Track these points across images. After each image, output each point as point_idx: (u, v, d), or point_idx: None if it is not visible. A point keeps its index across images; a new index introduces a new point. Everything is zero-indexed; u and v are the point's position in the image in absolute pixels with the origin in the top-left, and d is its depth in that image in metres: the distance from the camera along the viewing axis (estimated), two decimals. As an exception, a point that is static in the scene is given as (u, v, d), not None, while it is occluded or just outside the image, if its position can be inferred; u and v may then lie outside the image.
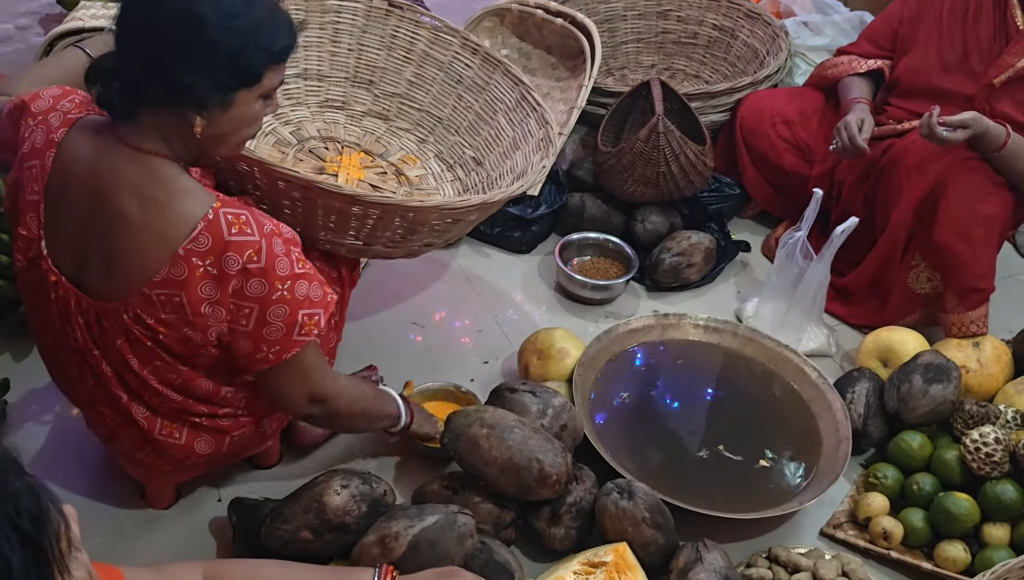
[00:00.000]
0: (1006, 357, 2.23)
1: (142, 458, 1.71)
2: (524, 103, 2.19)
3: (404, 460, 2.02)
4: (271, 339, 1.50)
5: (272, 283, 1.45)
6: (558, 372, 2.12)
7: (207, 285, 1.44)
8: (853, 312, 2.49)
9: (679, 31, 3.16)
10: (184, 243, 1.42)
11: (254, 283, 1.44)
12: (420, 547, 1.61)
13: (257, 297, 1.45)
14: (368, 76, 2.31)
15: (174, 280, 1.43)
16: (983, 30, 2.34)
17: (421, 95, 2.31)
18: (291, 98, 2.24)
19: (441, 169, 2.26)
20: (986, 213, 2.23)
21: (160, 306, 1.46)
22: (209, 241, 1.42)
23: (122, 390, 1.60)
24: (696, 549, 1.70)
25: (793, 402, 2.15)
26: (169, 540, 1.82)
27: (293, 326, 1.49)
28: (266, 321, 1.48)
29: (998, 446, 1.90)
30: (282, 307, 1.47)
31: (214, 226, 1.42)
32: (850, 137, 2.33)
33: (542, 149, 2.07)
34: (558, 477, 1.76)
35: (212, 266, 1.43)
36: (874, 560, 1.90)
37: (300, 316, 1.49)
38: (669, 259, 2.50)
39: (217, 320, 1.47)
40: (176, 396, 1.60)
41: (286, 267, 1.46)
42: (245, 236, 1.42)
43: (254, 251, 1.43)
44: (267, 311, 1.47)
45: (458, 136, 2.28)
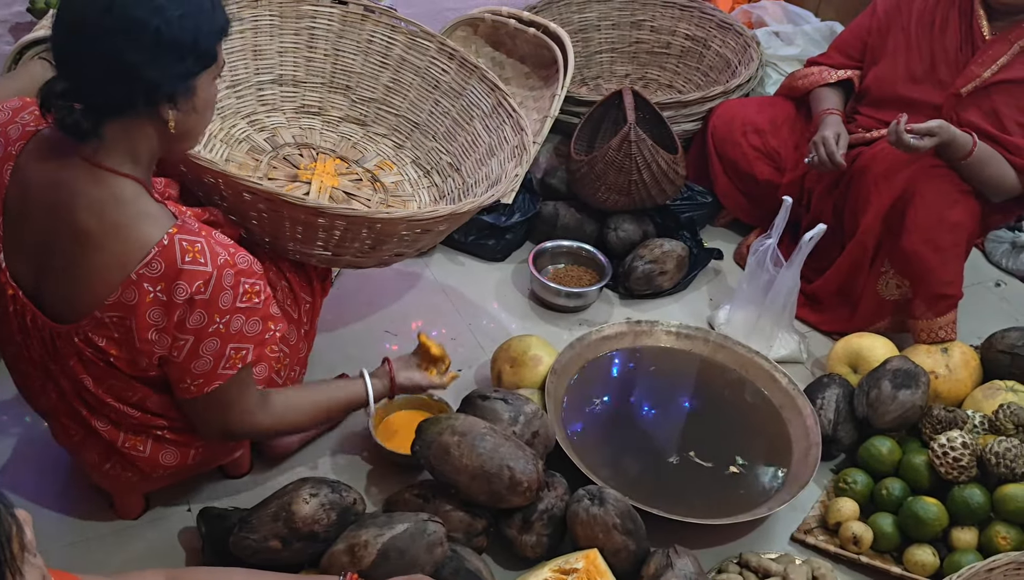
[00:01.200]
0: (974, 363, 2.26)
1: (108, 470, 1.70)
2: (500, 109, 2.19)
3: (376, 469, 2.01)
4: (196, 372, 1.50)
5: (211, 316, 1.44)
6: (531, 379, 2.12)
7: (155, 311, 1.43)
8: (824, 319, 2.51)
9: (652, 41, 3.19)
10: (138, 267, 1.40)
11: (195, 315, 1.43)
12: (390, 555, 1.60)
13: (195, 329, 1.45)
14: (344, 81, 2.30)
15: (125, 304, 1.42)
16: (950, 41, 2.37)
17: (398, 100, 2.31)
18: (266, 104, 2.24)
19: (418, 175, 2.26)
20: (953, 220, 2.26)
21: (112, 327, 1.45)
22: (162, 267, 1.40)
23: (81, 405, 1.60)
24: (667, 555, 1.70)
25: (764, 408, 2.17)
26: (138, 550, 1.81)
27: (220, 359, 1.49)
28: (198, 354, 1.48)
29: (965, 451, 1.92)
30: (214, 341, 1.47)
31: (168, 252, 1.40)
32: (829, 154, 2.36)
33: (516, 156, 2.07)
34: (529, 484, 1.76)
35: (162, 293, 1.42)
36: (844, 565, 1.91)
37: (228, 349, 1.49)
38: (642, 267, 2.52)
39: (161, 347, 1.47)
40: (134, 412, 1.60)
41: (228, 301, 1.45)
42: (198, 265, 1.41)
43: (203, 282, 1.41)
44: (200, 344, 1.47)
45: (435, 142, 2.28)
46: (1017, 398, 2.12)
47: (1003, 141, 2.26)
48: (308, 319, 1.92)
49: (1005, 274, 2.81)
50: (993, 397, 2.14)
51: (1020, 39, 2.27)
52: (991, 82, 2.29)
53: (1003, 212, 2.42)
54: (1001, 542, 1.85)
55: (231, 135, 2.15)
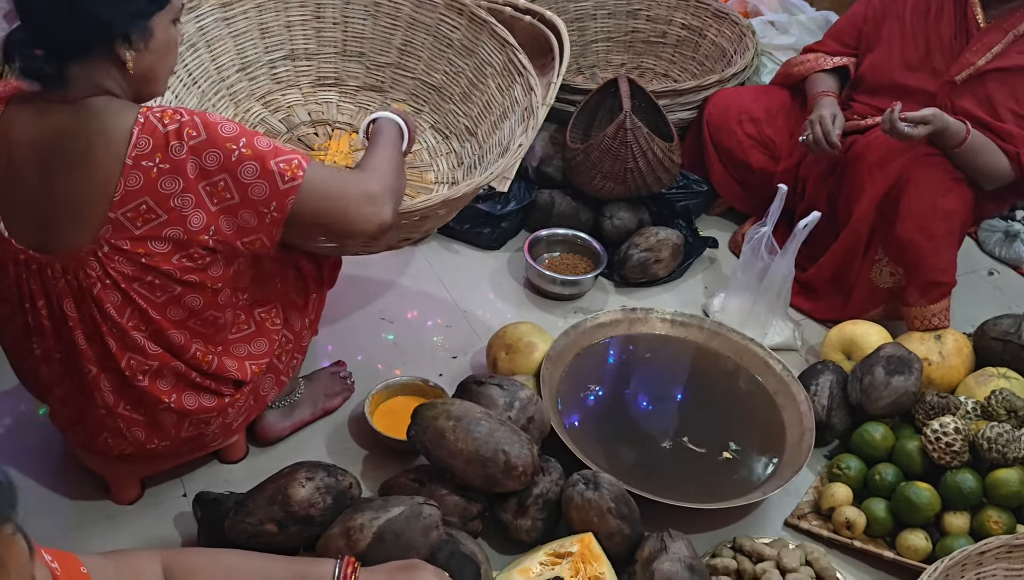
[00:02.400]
0: (967, 350, 2.27)
1: (103, 441, 1.70)
2: (511, 66, 2.16)
3: (371, 454, 2.02)
4: (263, 199, 1.48)
5: (224, 146, 1.45)
6: (526, 366, 2.12)
7: (166, 180, 1.45)
8: (818, 307, 2.52)
9: (648, 30, 3.19)
10: (128, 152, 1.43)
11: (208, 155, 1.45)
12: (385, 538, 1.61)
13: (219, 166, 1.45)
14: (358, 48, 2.28)
15: (133, 190, 1.44)
16: (944, 29, 2.38)
17: (413, 62, 2.28)
18: (281, 82, 2.22)
19: (437, 141, 2.23)
20: (947, 208, 2.27)
21: (131, 224, 1.47)
22: (150, 142, 1.43)
23: (93, 362, 1.60)
24: (661, 539, 1.71)
25: (758, 394, 2.18)
26: (133, 535, 1.81)
27: (273, 177, 1.48)
28: (244, 183, 1.47)
29: (958, 436, 1.93)
30: (250, 165, 1.46)
31: (148, 126, 1.43)
32: (825, 132, 2.36)
33: (525, 121, 2.04)
34: (524, 468, 1.77)
35: (162, 162, 1.44)
36: (837, 549, 1.92)
37: (274, 165, 1.48)
38: (637, 255, 2.52)
39: (190, 207, 1.47)
40: (155, 347, 1.60)
41: (233, 128, 1.47)
42: (178, 121, 1.44)
43: (191, 128, 1.44)
44: (237, 173, 1.46)
45: (452, 104, 2.25)
46: (1009, 384, 2.13)
47: (996, 129, 2.27)
48: (314, 309, 1.92)
49: (998, 263, 2.82)
50: (985, 383, 2.15)
51: (1014, 27, 2.27)
52: (985, 70, 2.30)
53: (996, 200, 2.43)
54: (993, 526, 1.87)
55: (245, 120, 2.15)
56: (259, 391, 1.83)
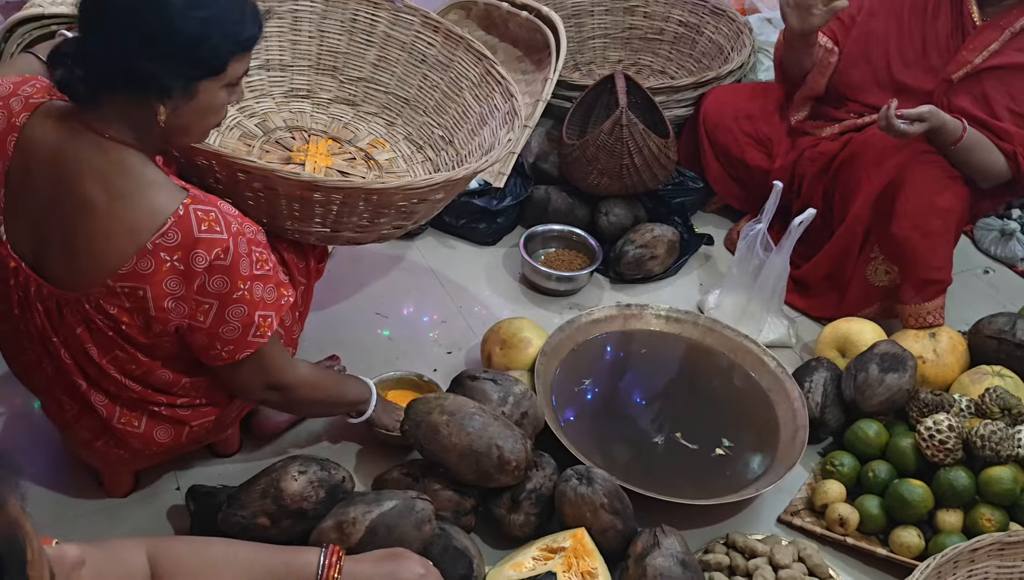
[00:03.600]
0: (961, 348, 2.27)
1: (100, 447, 1.70)
2: (489, 77, 2.17)
3: (365, 448, 2.02)
4: (226, 338, 1.51)
5: (235, 282, 1.46)
6: (520, 361, 2.12)
7: (172, 280, 1.44)
8: (813, 304, 2.52)
9: (645, 27, 3.18)
10: (153, 237, 1.40)
11: (217, 280, 1.45)
12: (378, 532, 1.61)
13: (218, 294, 1.46)
14: (331, 62, 2.29)
15: (140, 273, 1.42)
16: (941, 26, 2.38)
17: (386, 77, 2.30)
18: (255, 90, 2.23)
19: (411, 151, 2.24)
20: (943, 206, 2.27)
21: (124, 297, 1.45)
22: (179, 237, 1.41)
23: (81, 378, 1.59)
24: (654, 534, 1.71)
25: (752, 391, 2.18)
26: (126, 528, 1.81)
27: (249, 327, 1.51)
28: (224, 319, 1.49)
29: (951, 434, 1.93)
30: (241, 307, 1.48)
31: (184, 222, 1.41)
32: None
33: (508, 123, 2.04)
34: (518, 463, 1.77)
35: (179, 262, 1.42)
36: (830, 546, 1.92)
37: (256, 318, 1.51)
38: (633, 251, 2.52)
39: (179, 315, 1.48)
40: (136, 386, 1.60)
41: (247, 267, 1.47)
42: (214, 234, 1.42)
43: (222, 250, 1.43)
44: (226, 309, 1.47)
45: (426, 116, 2.26)
46: (1003, 382, 2.13)
47: (993, 127, 2.27)
48: (303, 301, 1.92)
49: (994, 261, 2.82)
50: (980, 381, 2.15)
51: (1010, 25, 2.28)
52: (982, 68, 2.30)
53: (992, 198, 2.43)
54: (986, 524, 1.87)
55: (222, 122, 2.14)
56: None
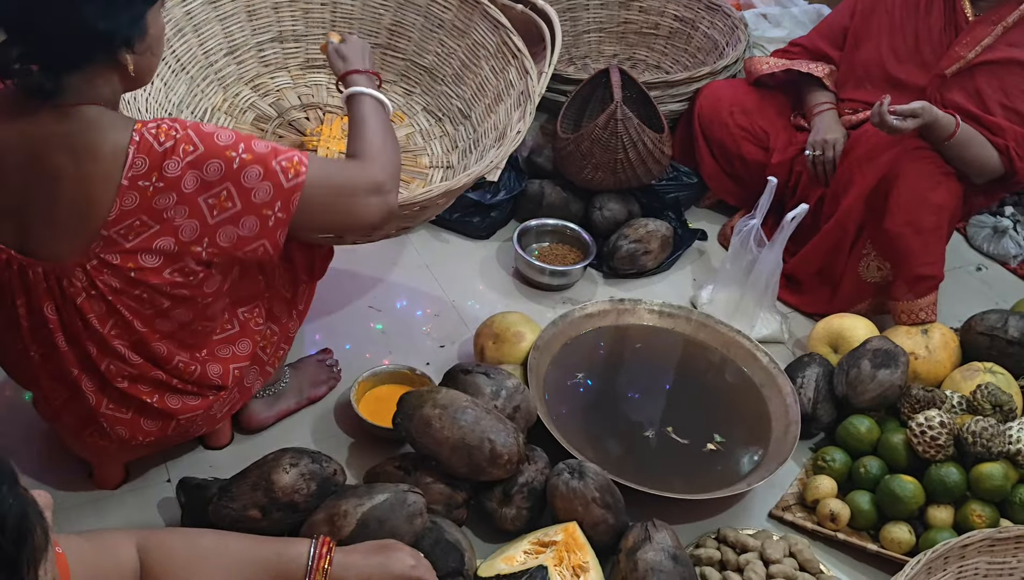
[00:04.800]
0: (953, 344, 2.27)
1: (87, 437, 1.69)
2: (505, 49, 2.13)
3: (357, 442, 2.02)
4: (268, 200, 1.46)
5: (224, 155, 1.43)
6: (513, 355, 2.12)
7: (160, 198, 1.42)
8: (805, 300, 2.52)
9: (641, 21, 3.18)
10: (124, 173, 1.40)
11: (209, 167, 1.42)
12: (369, 525, 1.60)
13: (222, 176, 1.43)
14: (346, 29, 2.25)
15: (128, 210, 1.42)
16: (934, 22, 2.38)
17: (403, 43, 2.26)
18: (269, 64, 2.21)
19: (430, 123, 2.21)
20: (936, 202, 2.27)
21: (123, 239, 1.45)
22: (146, 161, 1.40)
23: (74, 364, 1.58)
24: (645, 529, 1.71)
25: (744, 386, 2.18)
26: (117, 520, 1.80)
27: (277, 176, 1.46)
28: (248, 188, 1.45)
29: (943, 430, 1.93)
30: (253, 169, 1.44)
31: (144, 145, 1.41)
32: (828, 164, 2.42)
33: (521, 105, 2.01)
34: (510, 457, 1.77)
35: (158, 181, 1.41)
36: (821, 541, 1.93)
37: (275, 165, 1.46)
38: (626, 246, 2.52)
39: (184, 216, 1.44)
40: (135, 357, 1.58)
41: (229, 136, 1.44)
42: (173, 139, 1.41)
43: (186, 143, 1.41)
44: (240, 179, 1.44)
45: (444, 85, 2.23)
46: (995, 379, 2.13)
47: (986, 122, 2.28)
48: (303, 300, 1.91)
49: (986, 258, 2.83)
50: (971, 378, 2.15)
51: (1003, 20, 2.28)
52: (975, 63, 2.30)
53: (985, 194, 2.44)
54: (976, 520, 1.87)
55: (235, 105, 2.13)
56: (243, 383, 1.82)
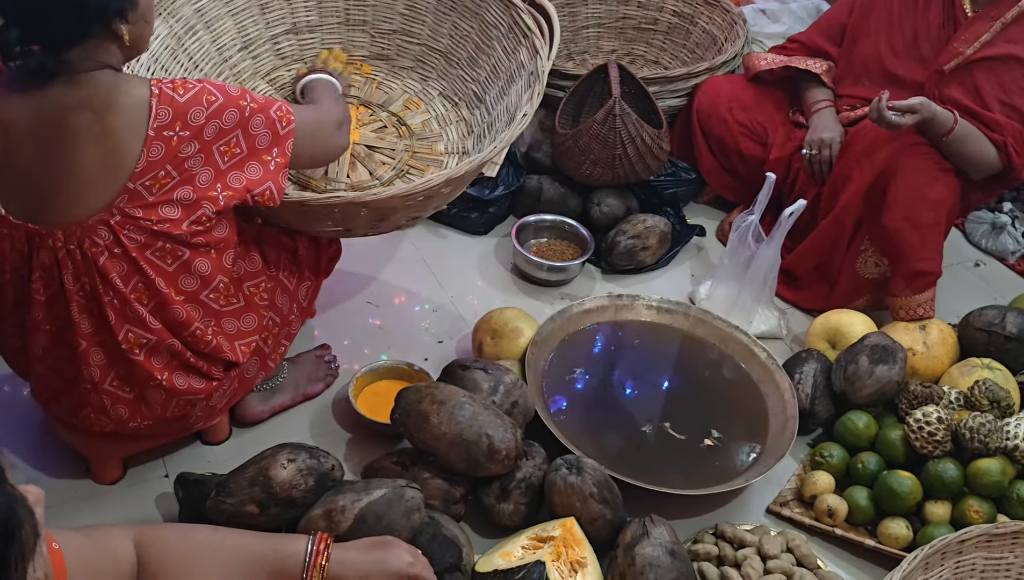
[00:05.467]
0: (951, 340, 2.27)
1: (85, 416, 1.69)
2: (516, 28, 2.13)
3: (355, 437, 2.02)
4: (266, 145, 1.59)
5: (238, 104, 1.54)
6: (511, 351, 2.12)
7: (185, 146, 1.50)
8: (803, 296, 2.52)
9: (639, 17, 3.17)
10: (151, 124, 1.47)
11: (228, 115, 1.53)
12: (367, 521, 1.60)
13: (236, 123, 1.54)
14: (360, 16, 2.26)
15: (155, 160, 1.49)
16: (933, 17, 2.38)
17: (418, 28, 2.26)
18: (285, 57, 2.21)
19: (446, 109, 2.21)
20: (934, 198, 2.27)
21: (147, 192, 1.50)
22: (170, 112, 1.48)
23: (84, 335, 1.59)
24: (643, 524, 1.71)
25: (742, 382, 2.18)
26: (114, 515, 1.80)
27: (274, 124, 1.59)
28: (252, 135, 1.57)
29: (941, 426, 1.93)
30: (258, 117, 1.57)
31: (165, 97, 1.49)
32: (832, 157, 2.42)
33: (530, 87, 2.01)
34: (507, 453, 1.76)
35: (183, 129, 1.50)
36: (819, 537, 1.93)
37: (273, 114, 1.59)
38: (624, 242, 2.52)
39: (200, 165, 1.53)
40: (155, 322, 1.61)
41: (235, 88, 1.57)
42: (191, 91, 1.51)
43: (208, 94, 1.52)
44: (249, 127, 1.56)
45: (460, 69, 2.23)
46: (993, 375, 2.13)
47: (984, 118, 2.27)
48: (307, 297, 1.93)
49: (984, 254, 2.83)
50: (969, 374, 2.15)
51: (1001, 16, 2.27)
52: (973, 59, 2.30)
53: (983, 190, 2.43)
54: (973, 515, 1.87)
55: None
56: (244, 375, 1.83)
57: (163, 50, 1.97)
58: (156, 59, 1.94)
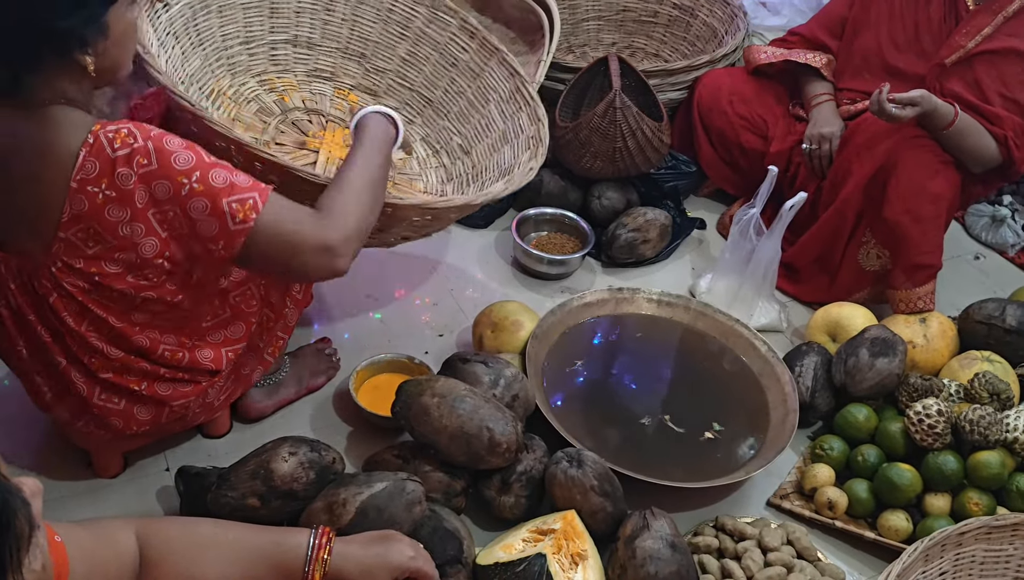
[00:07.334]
0: (951, 333, 2.27)
1: (81, 427, 1.69)
2: (518, 95, 2.17)
3: (355, 430, 2.02)
4: (211, 236, 1.41)
5: (175, 180, 1.37)
6: (512, 344, 2.12)
7: (112, 208, 1.39)
8: (803, 289, 2.52)
9: (640, 10, 3.17)
10: (74, 175, 1.36)
11: (158, 186, 1.38)
12: (368, 514, 1.61)
13: (168, 198, 1.38)
14: (360, 49, 2.28)
15: (79, 214, 1.39)
16: (934, 11, 2.38)
17: (413, 74, 2.29)
18: (278, 64, 2.21)
19: (427, 154, 2.24)
20: (934, 191, 2.27)
21: (82, 244, 1.42)
22: (96, 166, 1.36)
23: (60, 355, 1.58)
24: (643, 517, 1.71)
25: (743, 375, 2.18)
26: (115, 509, 1.80)
27: (224, 217, 1.40)
28: (193, 219, 1.40)
29: (940, 418, 1.94)
30: (200, 201, 1.39)
31: (96, 148, 1.36)
32: (831, 153, 2.43)
33: (531, 148, 2.04)
34: (508, 446, 1.77)
35: (108, 189, 1.37)
36: (819, 530, 1.93)
37: (226, 205, 1.39)
38: (625, 235, 2.52)
39: (141, 235, 1.41)
40: (117, 351, 1.58)
41: (188, 159, 1.38)
42: (129, 146, 1.36)
43: (141, 156, 1.36)
44: (187, 208, 1.39)
45: (447, 121, 2.25)
46: (993, 368, 2.14)
47: (984, 111, 2.27)
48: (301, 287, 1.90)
49: (984, 247, 2.83)
50: (969, 366, 2.16)
51: (1003, 9, 2.27)
52: (974, 53, 2.30)
53: (983, 183, 2.43)
54: (973, 508, 1.88)
55: (240, 93, 2.13)
56: (240, 371, 1.82)
57: (179, 19, 1.95)
58: (172, 24, 1.93)
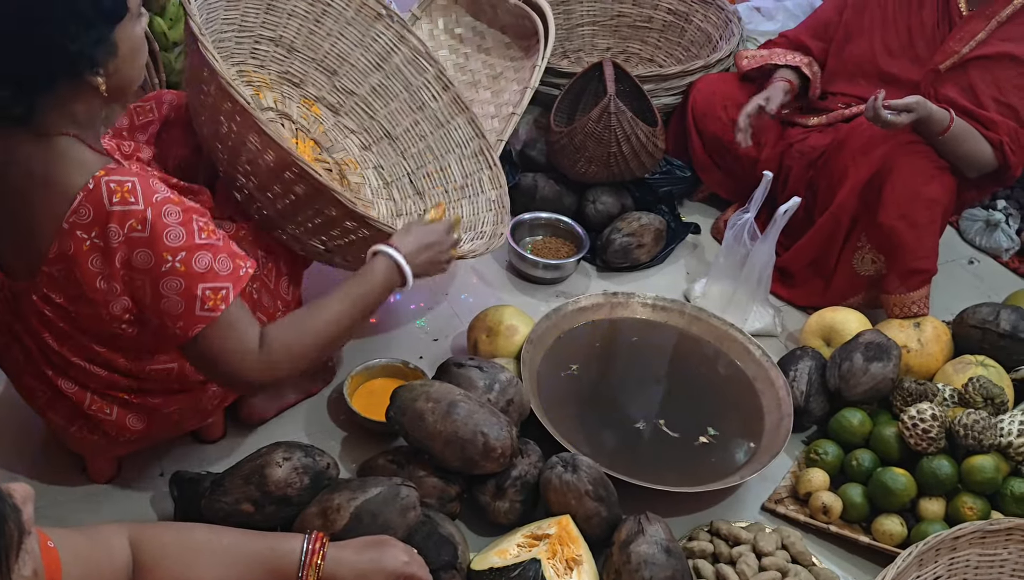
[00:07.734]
0: (946, 338, 2.28)
1: (74, 432, 1.68)
2: (480, 156, 2.22)
3: (350, 435, 2.01)
4: (172, 314, 1.41)
5: (160, 254, 1.37)
6: (507, 349, 2.12)
7: (96, 258, 1.39)
8: (798, 294, 2.52)
9: (634, 15, 3.18)
10: (67, 216, 1.36)
11: (140, 254, 1.37)
12: (362, 519, 1.60)
13: (145, 269, 1.38)
14: (334, 65, 2.30)
15: (64, 255, 1.39)
16: (927, 16, 2.39)
17: (379, 105, 2.32)
18: (256, 59, 2.22)
19: (379, 184, 2.27)
20: (929, 196, 2.27)
21: (62, 283, 1.43)
22: (91, 212, 1.36)
23: (47, 366, 1.58)
24: (638, 522, 1.71)
25: (737, 380, 2.18)
26: (109, 514, 1.79)
27: (193, 301, 1.40)
28: (161, 295, 1.40)
29: (935, 422, 1.94)
30: (175, 280, 1.39)
31: (94, 196, 1.35)
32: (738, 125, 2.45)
33: (495, 211, 2.09)
34: (503, 451, 1.77)
35: (98, 238, 1.37)
36: (814, 534, 1.93)
37: (200, 290, 1.40)
38: (620, 240, 2.52)
39: (114, 294, 1.42)
40: (100, 371, 1.58)
41: (180, 237, 1.38)
42: (128, 205, 1.35)
43: (137, 221, 1.35)
44: (159, 284, 1.39)
45: (402, 158, 2.30)
46: (987, 372, 2.14)
47: (979, 117, 2.28)
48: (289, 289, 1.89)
49: (978, 252, 2.84)
50: (963, 371, 2.16)
51: (996, 14, 2.28)
52: (968, 58, 2.30)
53: (978, 189, 2.44)
54: (967, 512, 1.88)
55: None
56: None
57: None
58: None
